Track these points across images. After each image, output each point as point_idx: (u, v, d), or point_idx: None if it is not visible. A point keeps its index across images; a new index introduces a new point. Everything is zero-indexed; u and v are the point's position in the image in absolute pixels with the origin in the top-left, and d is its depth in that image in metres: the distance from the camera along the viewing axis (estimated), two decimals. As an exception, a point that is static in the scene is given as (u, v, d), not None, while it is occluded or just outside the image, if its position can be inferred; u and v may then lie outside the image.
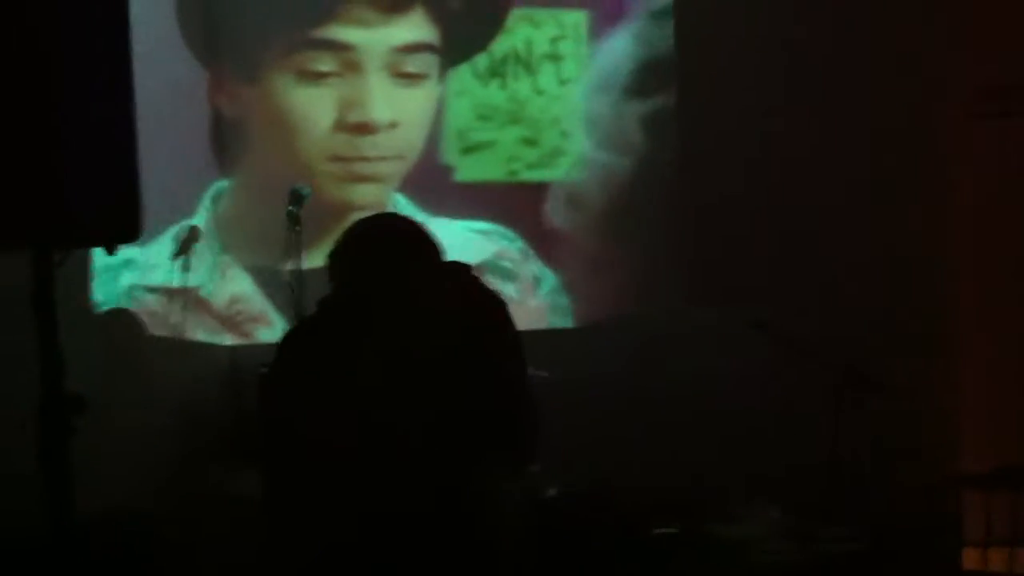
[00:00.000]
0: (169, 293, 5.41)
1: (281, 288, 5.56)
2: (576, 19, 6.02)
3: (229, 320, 5.63)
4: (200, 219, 5.54)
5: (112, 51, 3.32)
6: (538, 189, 5.99)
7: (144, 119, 3.21)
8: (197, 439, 4.89)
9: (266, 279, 5.63)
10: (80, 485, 3.18)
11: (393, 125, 5.73)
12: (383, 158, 5.74)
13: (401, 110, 5.74)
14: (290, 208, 4.88)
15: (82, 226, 3.29)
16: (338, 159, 5.71)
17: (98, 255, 5.06)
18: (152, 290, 5.42)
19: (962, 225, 5.52)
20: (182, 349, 5.29)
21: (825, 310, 5.36)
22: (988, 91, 5.47)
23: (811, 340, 4.08)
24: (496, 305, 3.34)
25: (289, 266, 4.83)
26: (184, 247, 5.35)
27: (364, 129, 5.69)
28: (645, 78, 5.93)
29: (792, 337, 4.03)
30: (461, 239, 5.76)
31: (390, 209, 5.64)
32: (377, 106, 5.70)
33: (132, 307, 5.31)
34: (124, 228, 3.36)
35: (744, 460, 5.00)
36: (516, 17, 5.96)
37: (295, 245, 4.81)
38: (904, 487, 4.81)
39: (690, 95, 5.87)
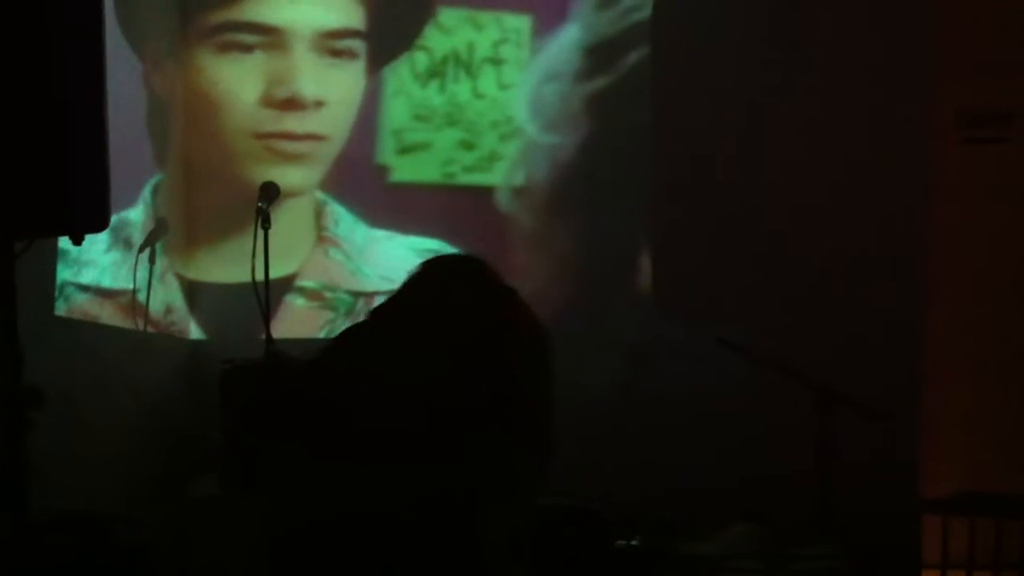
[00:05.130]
0: (103, 294, 5.12)
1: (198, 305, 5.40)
2: (519, 23, 5.95)
3: (164, 331, 5.36)
4: (139, 213, 5.32)
5: (84, 38, 3.26)
6: (479, 196, 5.87)
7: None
8: (159, 438, 4.74)
9: (189, 291, 5.45)
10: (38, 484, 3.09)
11: (319, 103, 5.59)
12: (309, 136, 5.59)
13: (328, 88, 5.62)
14: (260, 204, 4.52)
15: (46, 214, 3.21)
16: (262, 136, 5.54)
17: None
18: (84, 289, 5.10)
19: (935, 248, 5.54)
20: (142, 342, 5.07)
21: (790, 320, 5.35)
22: (971, 116, 5.51)
23: (778, 353, 4.07)
24: None
25: (258, 271, 4.45)
26: (150, 239, 5.11)
27: (291, 105, 5.54)
28: (592, 63, 5.83)
29: (760, 352, 4.01)
30: (407, 260, 5.65)
31: (313, 196, 5.58)
32: (304, 82, 5.57)
33: (64, 307, 4.94)
34: (92, 217, 3.29)
35: (713, 475, 4.99)
36: (458, 19, 5.86)
37: (264, 246, 4.45)
38: (865, 508, 4.81)
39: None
